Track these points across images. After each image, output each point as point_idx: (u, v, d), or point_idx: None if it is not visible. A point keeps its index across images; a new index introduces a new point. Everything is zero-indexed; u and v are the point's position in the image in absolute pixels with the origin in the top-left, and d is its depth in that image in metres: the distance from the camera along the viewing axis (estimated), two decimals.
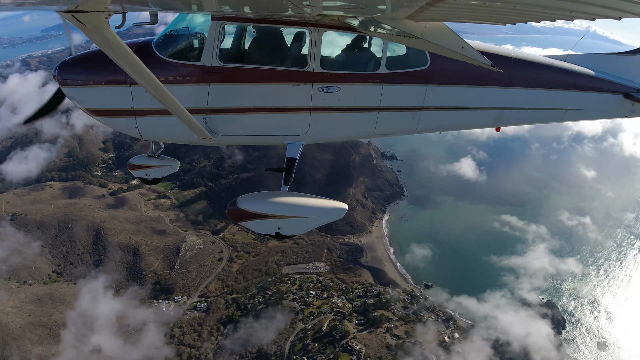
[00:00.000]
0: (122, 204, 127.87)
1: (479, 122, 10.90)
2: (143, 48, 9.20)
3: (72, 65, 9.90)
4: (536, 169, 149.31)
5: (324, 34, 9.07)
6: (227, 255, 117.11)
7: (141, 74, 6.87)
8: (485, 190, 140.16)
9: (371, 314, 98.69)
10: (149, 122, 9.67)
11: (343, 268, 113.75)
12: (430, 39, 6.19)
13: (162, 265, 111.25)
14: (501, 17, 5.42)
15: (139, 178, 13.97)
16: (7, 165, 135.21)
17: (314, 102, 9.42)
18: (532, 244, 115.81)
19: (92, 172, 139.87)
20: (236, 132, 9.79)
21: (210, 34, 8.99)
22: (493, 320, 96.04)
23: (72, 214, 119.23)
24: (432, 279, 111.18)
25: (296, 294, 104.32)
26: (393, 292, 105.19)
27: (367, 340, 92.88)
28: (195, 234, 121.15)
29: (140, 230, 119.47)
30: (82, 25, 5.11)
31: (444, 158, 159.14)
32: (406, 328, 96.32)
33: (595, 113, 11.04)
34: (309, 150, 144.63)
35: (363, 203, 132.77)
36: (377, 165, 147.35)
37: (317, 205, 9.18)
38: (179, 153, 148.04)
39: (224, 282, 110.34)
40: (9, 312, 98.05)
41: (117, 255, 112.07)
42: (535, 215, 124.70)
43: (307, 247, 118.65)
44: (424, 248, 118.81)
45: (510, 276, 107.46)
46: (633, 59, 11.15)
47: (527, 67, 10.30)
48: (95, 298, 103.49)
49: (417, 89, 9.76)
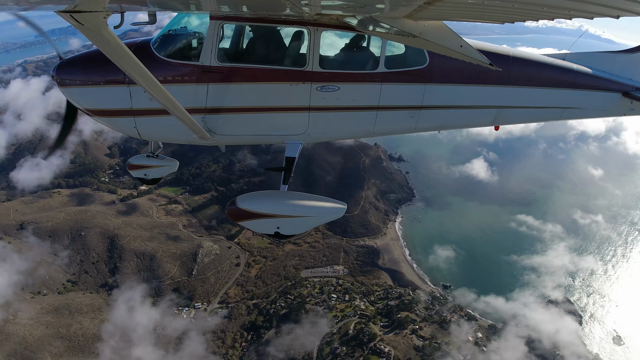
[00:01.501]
0: (134, 210, 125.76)
1: (478, 121, 10.92)
2: (142, 48, 9.18)
3: (70, 65, 9.88)
4: (544, 169, 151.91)
5: (323, 33, 9.10)
6: (244, 260, 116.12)
7: (140, 73, 6.87)
8: (494, 190, 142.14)
9: (395, 315, 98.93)
10: (148, 122, 9.67)
11: (361, 270, 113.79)
12: (429, 38, 6.27)
13: (180, 272, 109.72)
14: (500, 16, 5.46)
15: (137, 178, 13.83)
16: (16, 173, 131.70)
17: (313, 101, 9.44)
18: (550, 243, 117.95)
19: (99, 178, 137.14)
20: (235, 131, 9.77)
21: (209, 34, 9.00)
22: (517, 319, 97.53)
23: (84, 221, 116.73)
24: (450, 279, 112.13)
25: (318, 298, 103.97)
26: (413, 293, 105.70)
27: (394, 342, 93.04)
28: (210, 239, 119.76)
29: (154, 236, 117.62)
30: (80, 25, 5.10)
31: (451, 159, 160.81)
32: (431, 329, 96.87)
33: (593, 111, 11.05)
34: (318, 153, 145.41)
35: (376, 205, 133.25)
36: (386, 167, 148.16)
37: (317, 204, 9.25)
38: (186, 158, 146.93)
39: (243, 287, 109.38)
40: (26, 324, 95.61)
41: (134, 263, 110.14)
42: (549, 215, 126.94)
43: (324, 251, 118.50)
44: (440, 249, 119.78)
45: (530, 275, 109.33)
46: (631, 57, 11.19)
47: (525, 66, 10.34)
48: (114, 307, 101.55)
49: (416, 88, 9.79)
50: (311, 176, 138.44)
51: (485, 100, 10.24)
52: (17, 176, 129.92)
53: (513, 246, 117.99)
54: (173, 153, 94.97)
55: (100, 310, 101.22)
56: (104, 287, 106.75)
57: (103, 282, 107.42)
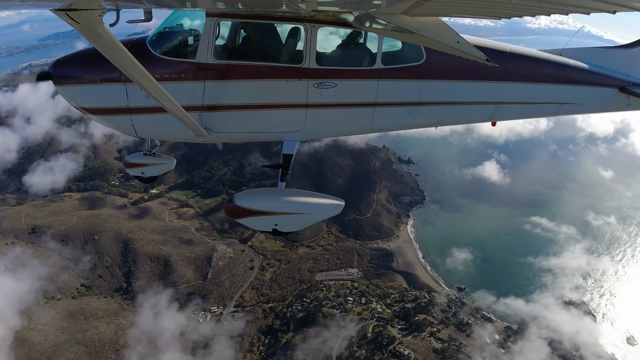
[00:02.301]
0: (146, 214, 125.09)
1: (475, 117, 10.91)
2: (137, 46, 9.10)
3: (66, 64, 9.84)
4: (554, 171, 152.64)
5: (319, 29, 9.09)
6: (258, 263, 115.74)
7: (136, 71, 6.87)
8: (505, 192, 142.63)
9: (412, 318, 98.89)
10: (145, 120, 9.63)
11: (376, 273, 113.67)
12: (426, 34, 6.31)
13: (195, 276, 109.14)
14: (496, 12, 5.49)
15: (134, 176, 13.66)
16: (29, 177, 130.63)
17: (310, 98, 9.43)
18: (565, 245, 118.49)
19: (109, 182, 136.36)
20: (232, 129, 9.77)
21: (205, 31, 8.96)
22: (534, 320, 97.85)
23: (97, 225, 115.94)
24: (465, 282, 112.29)
25: (334, 301, 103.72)
26: (429, 296, 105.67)
27: (413, 345, 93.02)
28: (224, 242, 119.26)
29: (167, 240, 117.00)
30: (76, 23, 5.10)
31: (460, 161, 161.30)
32: (449, 331, 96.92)
33: (590, 107, 11.09)
34: (329, 155, 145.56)
35: (388, 208, 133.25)
36: (396, 169, 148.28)
37: (314, 201, 9.29)
38: (197, 161, 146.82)
39: (258, 290, 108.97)
40: (41, 330, 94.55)
41: (148, 267, 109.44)
42: (562, 216, 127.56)
43: (337, 254, 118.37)
44: (453, 252, 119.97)
45: (547, 276, 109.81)
46: (628, 53, 11.20)
47: (522, 62, 10.37)
48: (130, 311, 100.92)
49: (413, 84, 9.80)
50: (322, 179, 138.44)
51: (482, 96, 10.24)
52: (30, 180, 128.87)
53: (528, 248, 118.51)
54: (183, 156, 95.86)
55: (115, 314, 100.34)
56: (119, 292, 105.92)
57: (117, 287, 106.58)
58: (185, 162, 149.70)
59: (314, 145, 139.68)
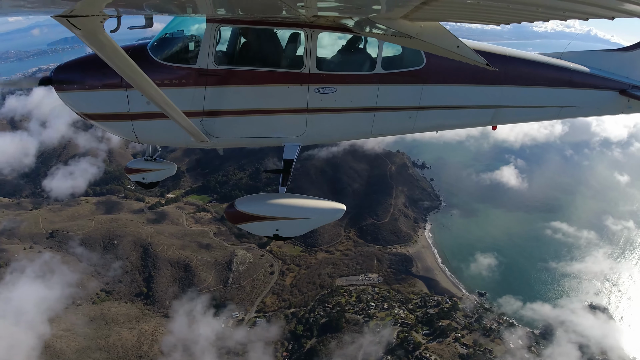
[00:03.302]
0: (164, 218, 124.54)
1: (475, 121, 10.95)
2: (138, 51, 9.23)
3: (67, 69, 9.89)
4: (570, 175, 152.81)
5: (320, 35, 9.14)
6: (278, 268, 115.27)
7: (137, 77, 6.89)
8: (521, 197, 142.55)
9: (436, 323, 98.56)
10: (146, 125, 9.66)
11: (396, 279, 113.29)
12: (426, 39, 6.34)
13: (216, 281, 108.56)
14: (495, 17, 5.50)
15: (135, 182, 13.69)
16: (49, 181, 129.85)
17: (311, 103, 9.47)
18: (586, 249, 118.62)
19: (125, 186, 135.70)
20: (233, 134, 9.79)
21: (206, 37, 9.03)
22: (559, 325, 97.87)
23: (115, 229, 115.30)
24: (485, 287, 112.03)
25: (357, 307, 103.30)
26: (451, 301, 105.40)
27: (439, 351, 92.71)
28: (243, 247, 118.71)
29: (186, 244, 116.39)
30: (77, 29, 5.12)
31: (474, 165, 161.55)
32: (473, 337, 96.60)
33: (591, 110, 11.09)
34: (345, 160, 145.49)
35: (405, 213, 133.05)
36: (412, 174, 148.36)
37: (315, 206, 9.23)
38: (212, 166, 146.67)
39: (279, 296, 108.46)
40: (62, 336, 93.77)
41: (168, 272, 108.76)
42: (580, 221, 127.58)
43: (357, 259, 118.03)
44: (473, 257, 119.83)
45: (569, 281, 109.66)
46: (628, 56, 11.17)
47: (522, 65, 10.38)
48: (152, 317, 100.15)
49: (413, 89, 9.84)
50: (339, 183, 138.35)
51: (482, 100, 10.24)
52: (49, 184, 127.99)
53: (549, 253, 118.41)
54: (197, 160, 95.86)
55: (137, 320, 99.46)
56: (139, 297, 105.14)
57: (138, 292, 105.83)
58: (200, 166, 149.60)
59: (331, 149, 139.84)
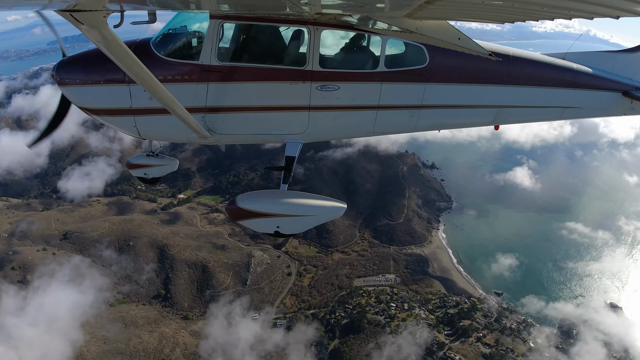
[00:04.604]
0: (177, 219, 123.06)
1: (478, 120, 10.95)
2: (141, 47, 9.22)
3: (70, 64, 9.92)
4: (580, 176, 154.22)
5: (323, 32, 9.16)
6: (295, 269, 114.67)
7: (140, 73, 6.93)
8: (531, 197, 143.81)
9: (457, 324, 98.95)
10: (148, 121, 9.70)
11: (413, 279, 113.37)
12: (427, 33, 6.46)
13: (234, 282, 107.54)
14: (500, 16, 5.58)
15: (137, 177, 13.80)
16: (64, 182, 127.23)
17: (313, 100, 9.49)
18: (601, 249, 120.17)
19: (136, 186, 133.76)
20: (235, 130, 9.84)
21: (209, 33, 9.04)
22: (578, 323, 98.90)
23: (131, 230, 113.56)
24: (502, 286, 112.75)
25: (377, 307, 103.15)
26: (469, 301, 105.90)
27: (463, 351, 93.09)
28: (258, 248, 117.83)
29: (201, 245, 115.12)
30: (80, 24, 5.16)
31: (483, 166, 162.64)
32: (494, 336, 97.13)
33: (593, 111, 11.04)
34: (357, 161, 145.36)
35: (419, 213, 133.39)
36: (424, 174, 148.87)
37: (316, 204, 9.25)
38: (223, 166, 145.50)
39: (298, 297, 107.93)
40: (81, 340, 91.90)
41: (186, 273, 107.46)
42: (593, 222, 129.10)
43: (373, 259, 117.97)
44: (488, 257, 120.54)
45: (585, 281, 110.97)
46: (632, 57, 11.14)
47: (525, 65, 10.34)
48: (171, 319, 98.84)
49: (416, 87, 9.83)
50: (352, 184, 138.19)
51: (485, 99, 10.21)
52: (64, 185, 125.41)
53: (563, 253, 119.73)
54: (208, 160, 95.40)
55: (156, 322, 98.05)
56: (157, 299, 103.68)
57: (155, 294, 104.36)
58: (211, 166, 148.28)
59: (346, 151, 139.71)
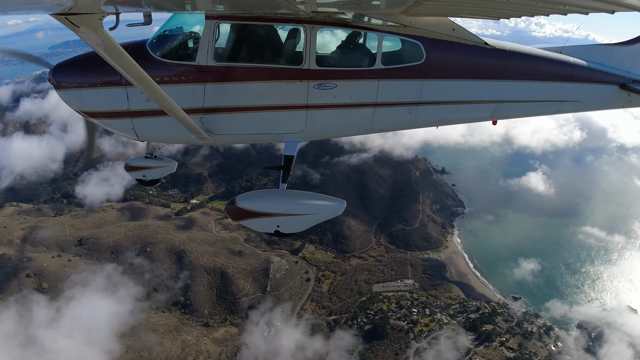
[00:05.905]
0: (192, 225, 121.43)
1: (475, 116, 10.92)
2: (137, 49, 9.23)
3: (66, 67, 9.96)
4: (590, 181, 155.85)
5: (319, 30, 9.20)
6: (314, 275, 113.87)
7: (136, 75, 6.98)
8: (544, 202, 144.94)
9: (480, 328, 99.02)
10: (146, 123, 9.72)
11: (432, 284, 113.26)
12: (421, 26, 6.65)
13: (254, 288, 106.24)
14: (495, 12, 5.72)
15: (136, 179, 13.72)
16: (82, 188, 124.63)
17: (310, 99, 9.51)
18: (618, 253, 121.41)
19: (148, 192, 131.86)
20: (233, 131, 9.91)
21: (205, 33, 9.06)
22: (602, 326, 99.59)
23: (147, 236, 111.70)
24: (519, 291, 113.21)
25: (398, 313, 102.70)
26: (489, 306, 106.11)
27: (488, 355, 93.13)
28: (275, 254, 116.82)
29: (218, 251, 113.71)
30: (76, 27, 5.19)
31: (491, 171, 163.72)
32: (517, 340, 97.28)
33: (591, 104, 11.07)
34: (370, 165, 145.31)
35: (433, 219, 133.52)
36: (436, 179, 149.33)
37: (315, 202, 9.39)
38: (234, 171, 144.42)
39: (318, 303, 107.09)
40: (103, 348, 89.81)
41: (205, 280, 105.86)
42: (607, 226, 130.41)
43: (390, 264, 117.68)
44: (504, 261, 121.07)
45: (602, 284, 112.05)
46: (628, 50, 11.09)
47: (522, 60, 10.29)
48: (192, 326, 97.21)
49: (413, 84, 9.81)
50: (365, 189, 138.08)
51: (482, 95, 10.20)
52: (83, 191, 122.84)
53: (579, 257, 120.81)
54: (219, 165, 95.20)
55: (177, 330, 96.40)
56: (176, 306, 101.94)
57: (175, 300, 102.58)
58: (222, 171, 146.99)
59: (362, 156, 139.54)
